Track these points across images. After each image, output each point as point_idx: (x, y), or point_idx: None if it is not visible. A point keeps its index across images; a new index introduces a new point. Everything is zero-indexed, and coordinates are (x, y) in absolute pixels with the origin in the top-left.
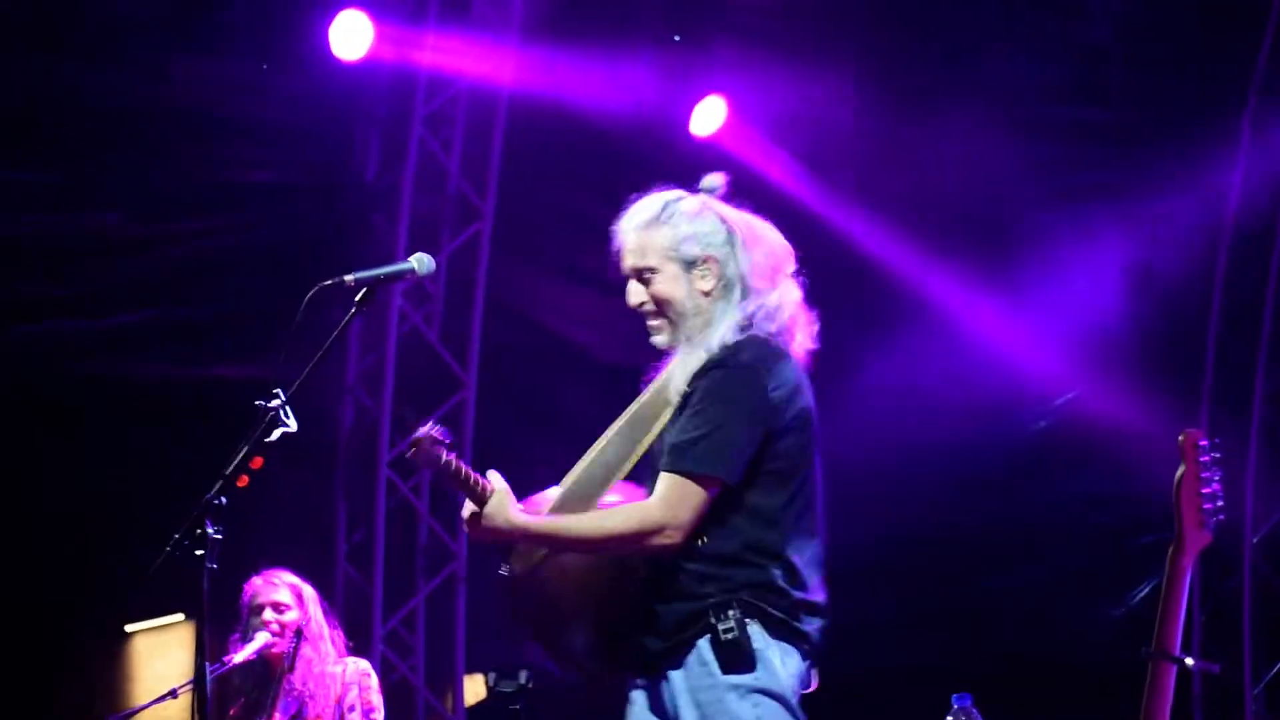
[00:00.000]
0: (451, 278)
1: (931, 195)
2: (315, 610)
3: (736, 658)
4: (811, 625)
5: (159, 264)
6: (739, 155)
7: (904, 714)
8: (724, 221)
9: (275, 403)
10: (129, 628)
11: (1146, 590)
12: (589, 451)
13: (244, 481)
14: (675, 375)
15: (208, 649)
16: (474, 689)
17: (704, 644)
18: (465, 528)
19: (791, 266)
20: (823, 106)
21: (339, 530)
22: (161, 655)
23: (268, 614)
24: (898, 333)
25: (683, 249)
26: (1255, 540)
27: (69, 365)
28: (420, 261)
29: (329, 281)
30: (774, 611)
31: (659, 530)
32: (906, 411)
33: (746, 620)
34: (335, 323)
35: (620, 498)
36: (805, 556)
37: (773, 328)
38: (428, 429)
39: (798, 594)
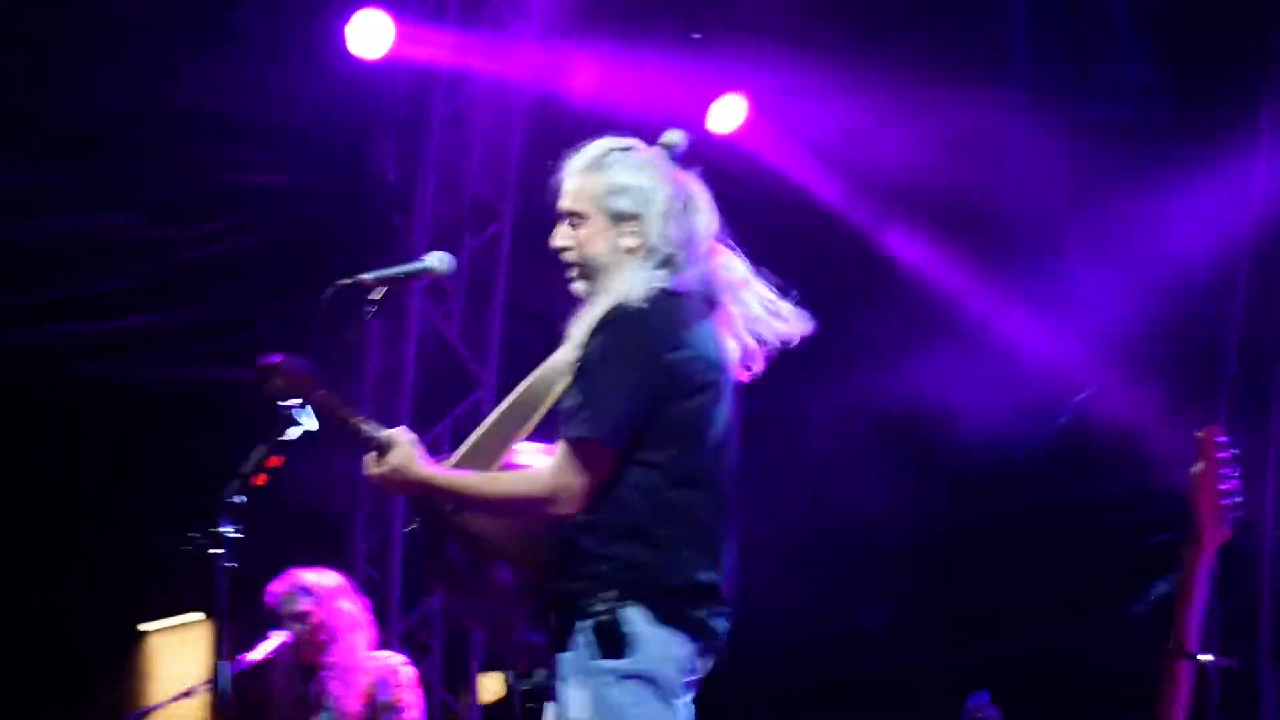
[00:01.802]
0: (471, 277)
1: (951, 193)
2: (340, 603)
3: (610, 642)
4: (704, 611)
5: (174, 266)
6: (759, 153)
7: (923, 712)
8: (665, 182)
9: (293, 402)
10: (145, 627)
11: (1165, 588)
12: (498, 406)
13: (262, 480)
14: (578, 330)
15: (225, 648)
16: (493, 687)
17: (583, 627)
18: (368, 479)
19: (723, 259)
20: (843, 105)
21: (357, 530)
22: (178, 655)
23: (290, 623)
24: (916, 331)
25: (613, 201)
26: (1274, 537)
27: (81, 367)
28: (439, 260)
29: (347, 280)
30: (657, 595)
31: (550, 498)
32: (923, 411)
33: (626, 603)
34: (354, 322)
35: (539, 454)
36: (702, 538)
37: (688, 295)
38: (283, 356)
39: (689, 575)
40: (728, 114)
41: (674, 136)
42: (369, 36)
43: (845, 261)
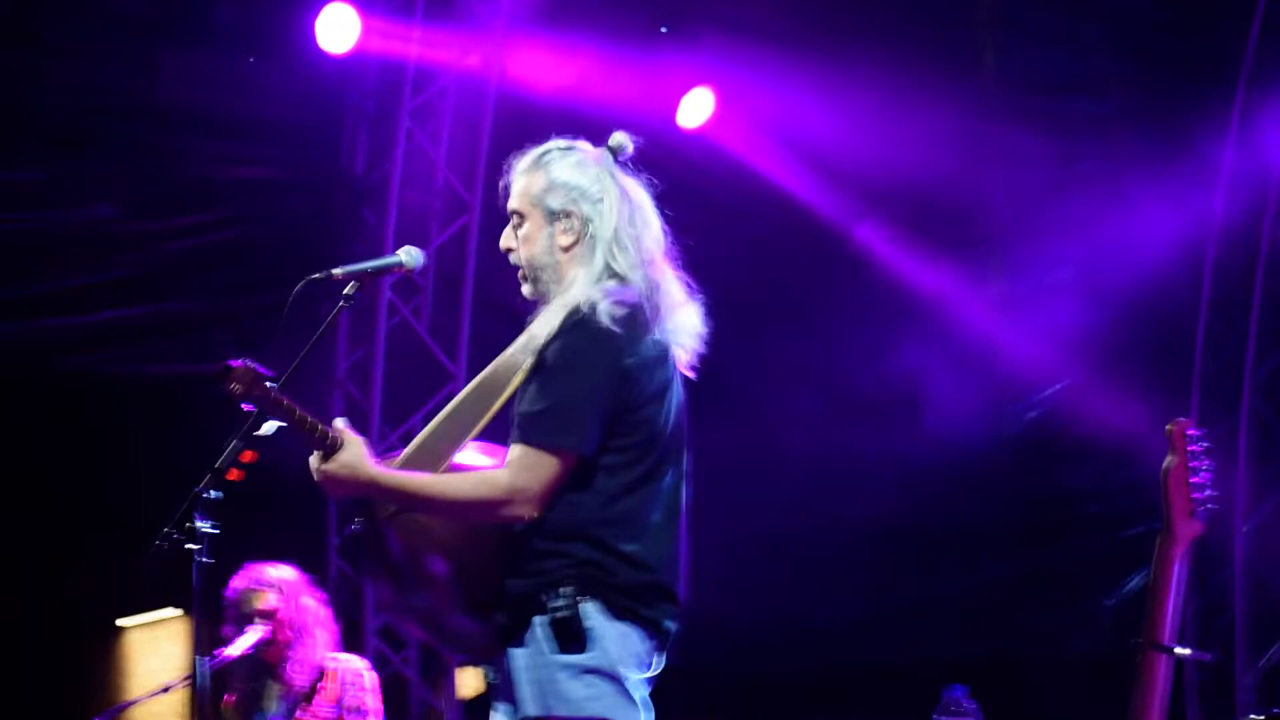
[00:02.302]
0: (440, 271)
1: (919, 186)
2: (303, 600)
3: (569, 637)
4: (658, 609)
5: (149, 260)
6: (728, 147)
7: (898, 705)
8: (605, 181)
9: (247, 405)
10: (122, 623)
11: (1138, 581)
12: (446, 407)
13: (237, 475)
14: (536, 333)
15: (202, 643)
16: (473, 683)
17: (540, 622)
18: (316, 480)
19: (667, 263)
20: (810, 98)
21: (329, 523)
22: (155, 650)
23: (256, 620)
24: (887, 325)
25: (548, 198)
26: (1246, 530)
27: (59, 361)
28: (408, 254)
29: (317, 275)
30: (612, 592)
31: (506, 501)
32: (895, 403)
33: (582, 599)
34: (325, 316)
35: (482, 455)
36: (655, 538)
37: (639, 303)
38: (242, 361)
39: (642, 575)
40: (695, 108)
41: (620, 139)
42: (337, 31)
43: (814, 256)
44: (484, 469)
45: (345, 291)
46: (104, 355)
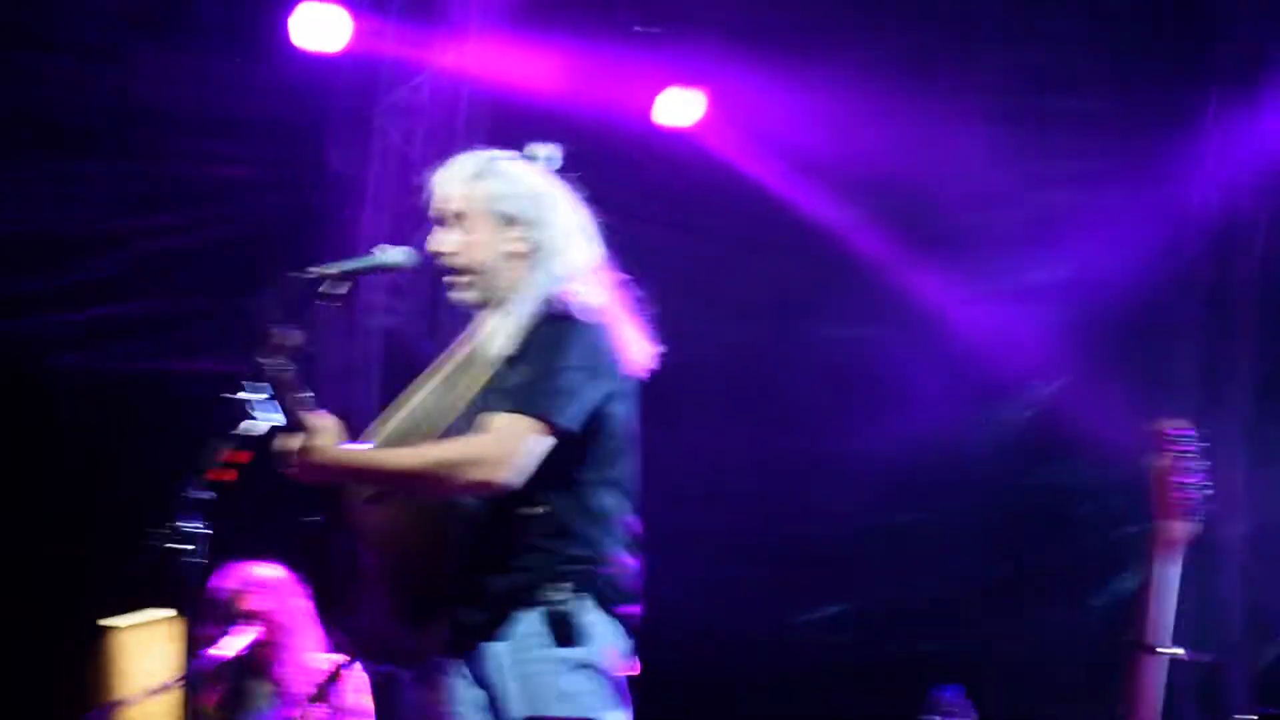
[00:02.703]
0: (418, 269)
1: (908, 186)
2: (292, 601)
3: (568, 632)
4: (631, 606)
5: (131, 259)
6: (711, 147)
7: (889, 706)
8: (556, 193)
9: (244, 395)
10: (112, 623)
11: (1130, 581)
12: (397, 407)
13: (231, 476)
14: (497, 331)
15: (193, 644)
16: None
17: (533, 616)
18: (292, 464)
19: (608, 272)
20: (796, 97)
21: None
22: (146, 651)
23: (245, 620)
24: (879, 325)
25: (499, 205)
26: (1242, 531)
27: (43, 360)
28: (401, 254)
29: (298, 274)
30: (600, 587)
31: (479, 463)
32: (888, 403)
33: (579, 594)
34: (309, 315)
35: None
36: (626, 534)
37: (604, 307)
38: (281, 328)
39: (619, 572)
40: (676, 107)
41: (545, 150)
42: (314, 29)
43: (799, 254)
44: None
45: (330, 291)
46: (89, 353)
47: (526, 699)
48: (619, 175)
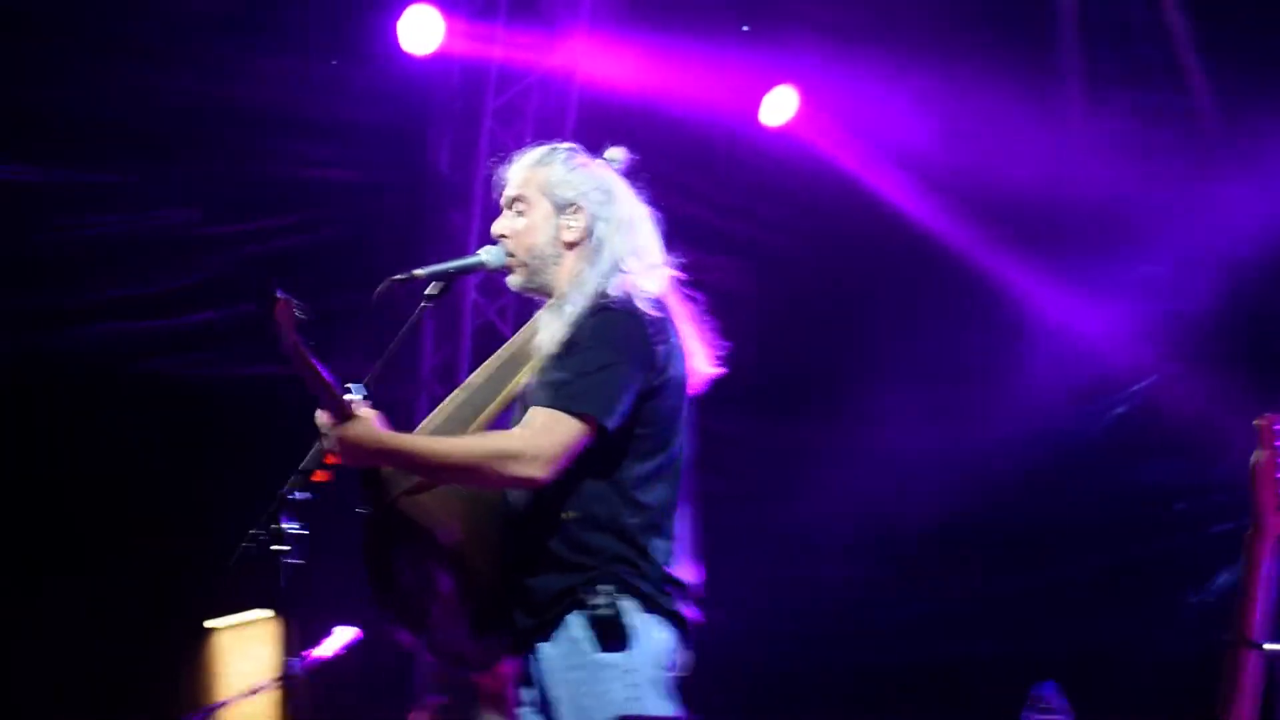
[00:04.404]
0: None
1: (1007, 182)
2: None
3: (610, 635)
4: (681, 603)
5: (235, 262)
6: (812, 145)
7: (987, 702)
8: (617, 188)
9: (350, 397)
10: (211, 624)
11: (1228, 577)
12: (448, 400)
13: (326, 476)
14: (549, 325)
15: (292, 645)
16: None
17: (575, 620)
18: (328, 447)
19: (667, 271)
20: (895, 95)
21: None
22: (244, 652)
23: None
24: (976, 322)
25: (559, 190)
26: None
27: (148, 364)
28: (493, 254)
29: (399, 276)
30: (645, 587)
31: (517, 457)
32: (984, 400)
33: (620, 596)
34: (409, 317)
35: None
36: (673, 531)
37: (661, 299)
38: (288, 297)
39: (667, 569)
40: (778, 106)
41: (615, 152)
42: (420, 33)
43: (899, 251)
44: None
45: (428, 292)
46: (189, 358)
47: (575, 707)
48: (723, 173)
